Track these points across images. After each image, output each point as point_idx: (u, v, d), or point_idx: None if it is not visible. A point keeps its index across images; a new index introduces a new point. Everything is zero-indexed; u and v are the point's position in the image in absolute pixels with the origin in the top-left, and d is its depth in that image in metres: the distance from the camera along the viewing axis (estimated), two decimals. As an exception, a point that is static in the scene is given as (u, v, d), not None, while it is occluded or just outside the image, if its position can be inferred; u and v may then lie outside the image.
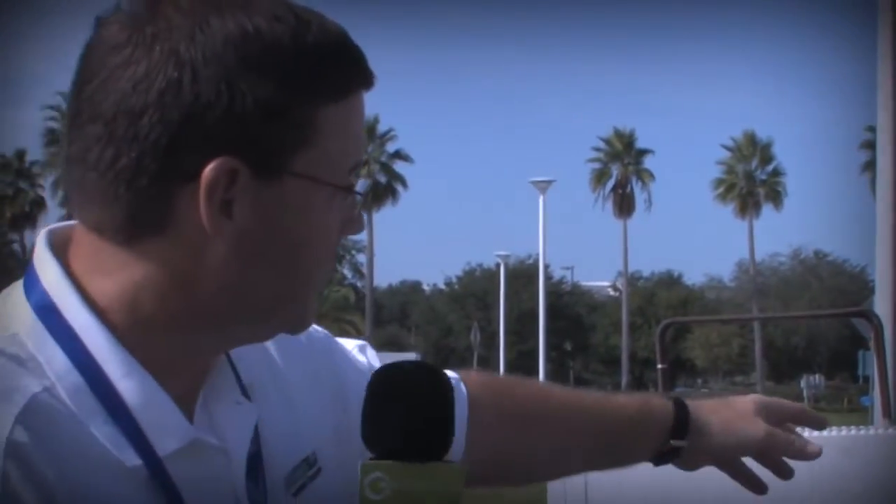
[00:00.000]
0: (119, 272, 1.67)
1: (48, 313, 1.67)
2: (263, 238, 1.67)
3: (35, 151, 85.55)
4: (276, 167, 1.65)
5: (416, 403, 1.64)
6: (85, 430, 1.63)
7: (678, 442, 2.38)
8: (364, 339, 2.24)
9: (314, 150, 1.65)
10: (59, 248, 1.73)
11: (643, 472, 4.52)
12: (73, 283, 1.69)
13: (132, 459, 1.64)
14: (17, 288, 1.73)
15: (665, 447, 2.41)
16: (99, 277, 1.68)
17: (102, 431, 1.64)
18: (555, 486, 4.36)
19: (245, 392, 1.80)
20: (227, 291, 1.69)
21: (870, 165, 75.40)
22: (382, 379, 1.68)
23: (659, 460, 2.43)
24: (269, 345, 1.92)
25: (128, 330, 1.68)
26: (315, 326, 1.99)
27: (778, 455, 2.48)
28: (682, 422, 2.40)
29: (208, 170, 1.61)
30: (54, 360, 1.65)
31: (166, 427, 1.67)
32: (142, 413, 1.66)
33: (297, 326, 1.80)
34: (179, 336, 1.70)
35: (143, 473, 1.65)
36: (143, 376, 1.67)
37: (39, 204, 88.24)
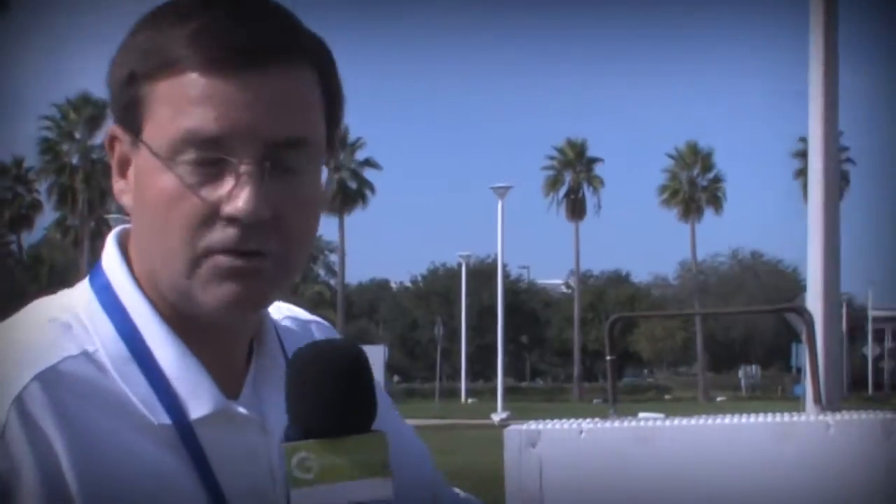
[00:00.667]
0: (142, 252, 1.73)
1: (104, 291, 1.72)
2: (137, 201, 1.68)
3: (31, 159, 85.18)
4: (136, 134, 1.66)
5: (336, 380, 1.57)
6: (120, 391, 1.65)
7: None
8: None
9: (152, 122, 1.64)
10: (123, 241, 1.77)
11: (602, 452, 4.51)
12: (128, 267, 1.73)
13: (162, 419, 1.66)
14: (87, 277, 1.77)
15: None
16: (142, 260, 1.72)
17: (137, 392, 1.67)
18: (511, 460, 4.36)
19: None
20: (146, 255, 1.71)
21: (801, 172, 75.85)
22: (303, 358, 1.60)
23: None
24: (322, 330, 1.96)
25: (164, 303, 1.70)
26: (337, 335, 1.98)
27: None
28: None
29: (106, 137, 1.72)
30: (102, 329, 1.68)
31: (198, 393, 1.68)
32: (176, 378, 1.68)
33: (195, 299, 1.67)
34: (178, 305, 1.70)
35: (171, 433, 1.66)
36: (178, 345, 1.70)
37: (35, 207, 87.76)
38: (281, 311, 1.93)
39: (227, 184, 1.62)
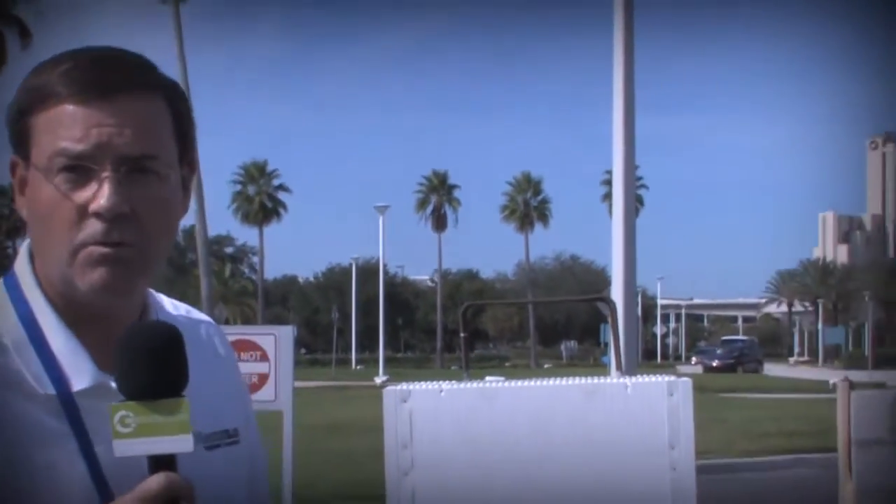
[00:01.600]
0: (38, 253, 1.68)
1: (12, 288, 1.66)
2: (30, 211, 1.64)
3: None
4: (26, 157, 1.63)
5: (149, 355, 1.50)
6: (16, 367, 1.59)
7: None
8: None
9: (37, 147, 1.60)
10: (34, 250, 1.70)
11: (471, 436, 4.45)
12: (31, 269, 1.67)
13: (49, 390, 1.58)
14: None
15: None
16: (40, 262, 1.67)
17: (30, 369, 1.59)
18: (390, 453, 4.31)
19: None
20: (40, 255, 1.66)
21: (608, 196, 76.46)
22: (126, 336, 1.53)
23: None
24: (215, 338, 1.87)
25: (57, 295, 1.64)
26: (225, 335, 1.92)
27: None
28: None
29: (9, 165, 1.67)
30: (7, 317, 1.63)
31: (80, 369, 1.60)
32: (62, 357, 1.61)
33: (73, 283, 1.61)
34: (65, 293, 1.64)
35: (55, 402, 1.58)
36: (64, 329, 1.63)
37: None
38: (179, 308, 1.85)
39: (92, 188, 1.57)
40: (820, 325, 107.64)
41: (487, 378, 5.29)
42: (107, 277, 1.58)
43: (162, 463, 1.49)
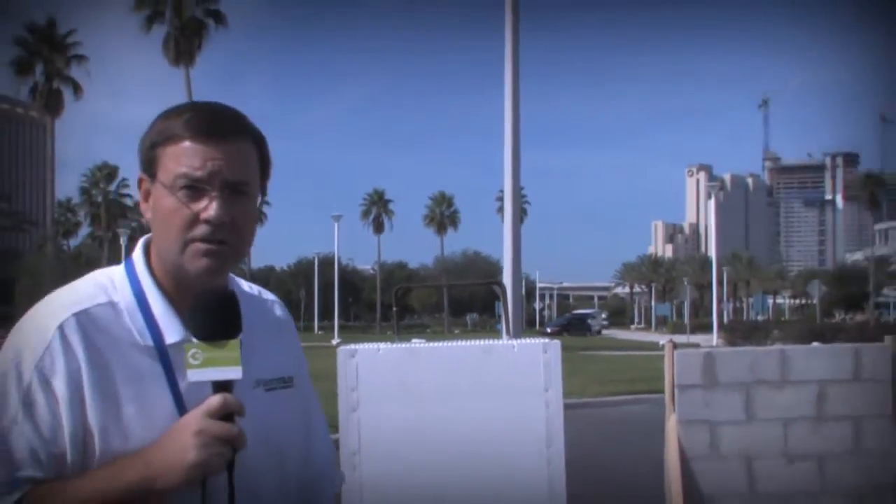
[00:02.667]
0: (156, 245, 1.69)
1: (129, 267, 1.70)
2: (155, 212, 1.66)
3: (75, 197, 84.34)
4: (153, 176, 1.66)
5: (209, 309, 1.57)
6: (127, 325, 1.63)
7: None
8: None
9: (162, 168, 1.64)
10: (147, 242, 1.73)
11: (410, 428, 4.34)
12: (144, 256, 1.71)
13: (149, 342, 1.63)
14: (124, 261, 1.74)
15: None
16: (156, 251, 1.70)
17: (137, 327, 1.63)
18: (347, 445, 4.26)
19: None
20: (158, 246, 1.68)
21: (501, 209, 76.87)
22: (199, 296, 1.59)
23: None
24: (277, 311, 1.88)
25: (164, 275, 1.68)
26: (286, 309, 1.92)
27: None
28: None
29: (138, 181, 1.70)
30: (124, 288, 1.66)
31: (172, 329, 1.64)
32: (160, 319, 1.65)
33: (184, 268, 1.64)
34: (173, 273, 1.68)
35: (153, 351, 1.63)
36: (163, 301, 1.67)
37: (77, 225, 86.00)
38: (253, 288, 1.88)
39: (204, 202, 1.61)
40: (653, 302, 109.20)
41: (413, 340, 5.27)
42: (209, 265, 1.63)
43: (221, 387, 1.53)
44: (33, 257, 58.43)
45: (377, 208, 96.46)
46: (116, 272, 1.70)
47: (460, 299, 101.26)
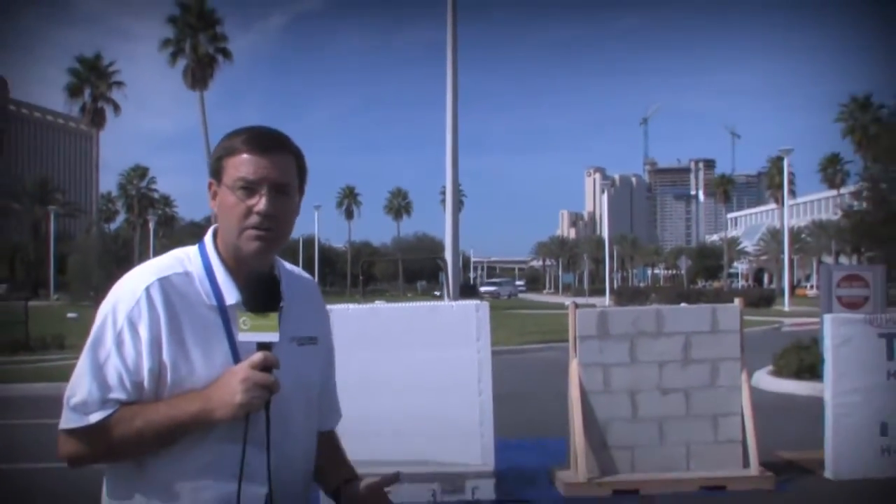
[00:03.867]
0: (221, 230, 1.70)
1: (201, 246, 1.71)
2: (220, 207, 1.68)
3: (115, 191, 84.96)
4: (219, 180, 1.68)
5: (257, 287, 1.61)
6: (197, 290, 1.65)
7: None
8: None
9: (226, 174, 1.67)
10: (215, 230, 1.74)
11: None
12: (213, 238, 1.72)
13: (213, 303, 1.65)
14: (199, 242, 1.76)
15: None
16: (221, 234, 1.70)
17: (205, 290, 1.66)
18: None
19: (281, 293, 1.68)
20: (223, 231, 1.70)
21: (443, 201, 76.92)
22: (248, 278, 1.63)
23: None
24: (309, 285, 1.86)
25: (227, 253, 1.69)
26: (316, 285, 1.91)
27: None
28: None
29: (208, 184, 1.71)
30: (196, 262, 1.69)
31: (231, 293, 1.66)
32: (222, 286, 1.67)
33: (241, 248, 1.66)
34: (232, 252, 1.68)
35: (216, 310, 1.64)
36: (225, 272, 1.69)
37: (115, 213, 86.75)
38: (294, 269, 1.87)
39: (256, 199, 1.64)
40: (560, 273, 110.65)
41: (376, 302, 5.22)
42: (259, 247, 1.65)
43: (263, 346, 1.58)
44: (82, 238, 59.07)
45: (348, 200, 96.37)
46: (191, 250, 1.72)
47: (412, 270, 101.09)
